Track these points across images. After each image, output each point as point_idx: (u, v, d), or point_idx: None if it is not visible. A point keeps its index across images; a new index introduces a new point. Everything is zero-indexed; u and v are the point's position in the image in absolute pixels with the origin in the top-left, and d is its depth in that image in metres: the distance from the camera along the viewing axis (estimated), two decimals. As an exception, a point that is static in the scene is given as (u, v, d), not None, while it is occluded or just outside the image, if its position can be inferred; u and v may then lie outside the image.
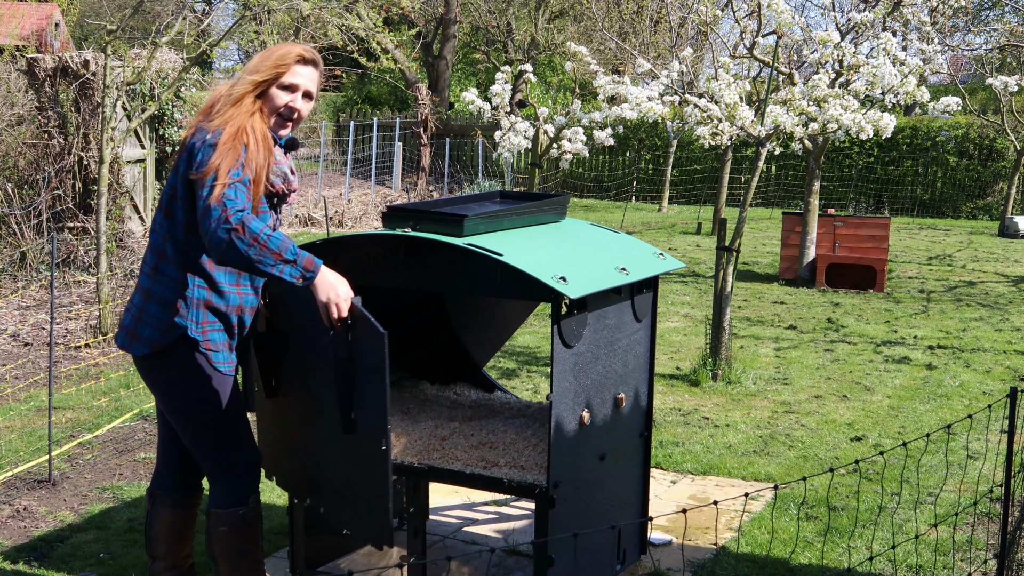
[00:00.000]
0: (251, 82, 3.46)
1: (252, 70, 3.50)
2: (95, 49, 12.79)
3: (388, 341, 3.17)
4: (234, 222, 3.12)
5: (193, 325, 3.45)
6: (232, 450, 3.58)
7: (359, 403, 3.33)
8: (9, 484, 5.35)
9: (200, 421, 3.52)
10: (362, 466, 3.41)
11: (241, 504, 3.59)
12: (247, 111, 3.42)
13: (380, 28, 17.42)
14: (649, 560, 4.47)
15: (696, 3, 10.16)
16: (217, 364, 3.50)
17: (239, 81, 3.50)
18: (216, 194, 3.17)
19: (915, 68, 7.56)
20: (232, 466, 3.58)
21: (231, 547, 3.59)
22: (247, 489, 3.60)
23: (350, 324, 3.22)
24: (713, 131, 7.62)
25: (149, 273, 3.50)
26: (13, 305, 9.95)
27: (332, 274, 3.26)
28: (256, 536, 3.64)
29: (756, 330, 9.59)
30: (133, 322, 3.50)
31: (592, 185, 24.23)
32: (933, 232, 18.14)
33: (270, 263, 3.16)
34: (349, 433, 3.36)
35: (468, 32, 28.98)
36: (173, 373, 3.48)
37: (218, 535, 3.59)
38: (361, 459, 3.39)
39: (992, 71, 17.10)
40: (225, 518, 3.58)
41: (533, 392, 7.23)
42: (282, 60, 3.51)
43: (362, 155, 23.31)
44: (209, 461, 3.59)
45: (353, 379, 3.30)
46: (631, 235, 4.66)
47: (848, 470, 5.68)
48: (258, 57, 3.55)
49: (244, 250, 3.13)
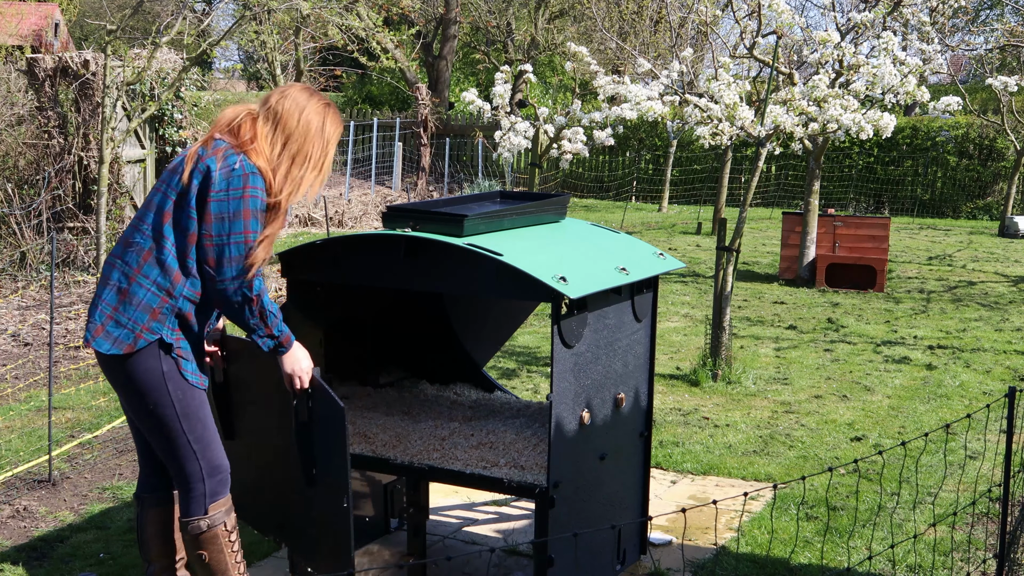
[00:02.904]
0: (291, 154, 3.49)
1: (302, 141, 3.50)
2: (95, 49, 12.79)
3: (346, 415, 3.43)
4: (253, 293, 3.38)
5: (168, 331, 3.42)
6: (195, 459, 3.51)
7: (320, 462, 3.50)
8: (9, 484, 5.35)
9: (164, 426, 3.47)
10: (324, 519, 3.53)
11: (199, 512, 3.54)
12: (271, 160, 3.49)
13: (380, 28, 17.42)
14: (649, 560, 4.47)
15: (696, 3, 10.16)
16: (185, 372, 3.46)
17: (281, 126, 3.49)
18: (243, 256, 3.35)
19: (915, 68, 7.56)
20: (193, 474, 3.52)
21: (197, 554, 3.56)
22: (209, 498, 3.54)
23: (310, 393, 3.48)
24: (713, 131, 7.62)
25: (128, 273, 3.44)
26: (13, 305, 9.96)
27: (299, 348, 3.51)
28: (220, 544, 3.57)
29: (756, 330, 9.60)
30: (103, 319, 3.44)
31: (592, 185, 24.23)
32: (933, 232, 18.14)
33: (260, 333, 3.44)
34: (310, 486, 3.52)
35: (468, 32, 28.97)
36: (140, 376, 3.42)
37: (186, 542, 3.58)
38: (323, 512, 3.53)
39: (992, 71, 17.10)
40: (187, 525, 3.55)
41: (533, 392, 7.23)
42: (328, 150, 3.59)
43: (362, 155, 23.32)
44: (173, 466, 3.55)
45: (313, 440, 3.48)
46: (631, 235, 4.67)
47: (848, 470, 5.69)
48: (315, 127, 3.53)
49: (247, 317, 3.41)
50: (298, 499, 3.61)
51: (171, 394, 3.45)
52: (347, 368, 4.55)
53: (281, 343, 3.46)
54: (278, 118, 3.49)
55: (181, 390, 3.46)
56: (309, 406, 3.47)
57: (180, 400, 3.46)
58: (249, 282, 3.36)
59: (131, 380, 3.46)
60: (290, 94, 3.55)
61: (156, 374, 3.43)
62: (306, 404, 3.48)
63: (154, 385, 3.44)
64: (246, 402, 3.75)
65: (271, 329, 3.43)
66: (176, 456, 3.52)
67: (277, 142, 3.48)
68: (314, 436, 3.49)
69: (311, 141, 3.51)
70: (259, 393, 3.70)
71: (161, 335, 3.41)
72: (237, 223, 3.34)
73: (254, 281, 3.37)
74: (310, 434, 3.49)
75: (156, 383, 3.43)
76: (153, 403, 3.45)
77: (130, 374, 3.45)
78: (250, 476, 3.80)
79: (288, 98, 3.53)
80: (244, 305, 3.37)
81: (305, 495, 3.56)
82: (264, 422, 3.72)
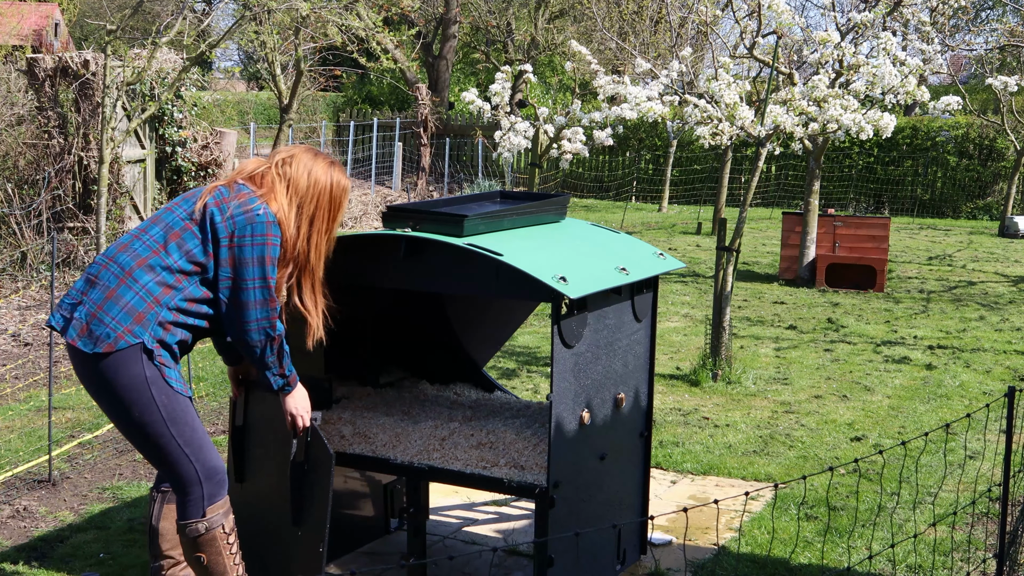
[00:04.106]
0: (307, 216, 3.62)
1: (314, 205, 3.63)
2: (95, 49, 12.78)
3: (334, 463, 3.66)
4: (275, 334, 3.51)
5: (150, 339, 3.42)
6: (189, 463, 3.50)
7: (306, 503, 3.65)
8: (9, 484, 5.35)
9: (153, 433, 3.46)
10: (303, 560, 3.66)
11: (197, 515, 3.54)
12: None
13: (380, 28, 17.40)
14: (649, 560, 4.47)
15: (696, 3, 10.16)
16: (169, 379, 3.46)
17: (293, 188, 3.62)
18: (267, 300, 3.48)
19: (915, 68, 7.56)
20: (189, 478, 3.52)
21: (195, 557, 3.57)
22: (206, 501, 3.54)
23: (308, 440, 3.67)
24: (713, 131, 7.62)
25: (118, 274, 3.45)
26: (13, 305, 9.96)
27: (302, 389, 3.67)
28: (219, 547, 3.57)
29: (756, 330, 9.60)
30: (87, 317, 3.43)
31: (592, 185, 24.23)
32: (933, 232, 18.14)
33: (274, 372, 3.57)
34: (296, 525, 3.67)
35: (468, 32, 28.96)
36: (123, 382, 3.40)
37: (184, 544, 3.59)
38: (304, 553, 3.66)
39: (992, 71, 17.09)
40: (185, 528, 3.55)
41: (533, 392, 7.23)
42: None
43: (362, 155, 23.32)
44: (167, 473, 3.55)
45: (303, 481, 3.66)
46: (631, 235, 4.67)
47: (848, 470, 5.69)
48: (324, 191, 3.65)
49: (265, 356, 3.53)
50: (282, 538, 3.76)
51: (156, 400, 3.43)
52: (347, 368, 4.55)
53: (289, 382, 3.60)
54: (289, 178, 3.63)
55: (166, 395, 3.45)
56: (306, 448, 3.64)
57: (165, 405, 3.45)
58: (273, 323, 3.49)
59: (114, 385, 3.42)
60: (297, 156, 3.69)
61: (140, 380, 3.41)
62: (304, 447, 3.63)
63: (138, 392, 3.41)
64: (256, 442, 3.85)
65: (284, 369, 3.57)
66: (168, 462, 3.51)
67: (292, 203, 3.61)
68: (304, 477, 3.64)
69: (323, 204, 3.65)
70: (266, 433, 3.81)
71: (143, 340, 3.40)
72: (261, 268, 3.47)
73: (276, 322, 3.51)
74: (302, 475, 3.65)
75: (140, 389, 3.41)
76: (139, 411, 3.43)
77: (111, 378, 3.41)
78: (250, 516, 3.87)
79: (296, 161, 3.67)
80: (267, 344, 3.50)
81: (287, 535, 3.73)
82: (267, 463, 3.82)
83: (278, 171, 3.62)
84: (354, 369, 4.62)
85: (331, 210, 3.67)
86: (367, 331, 4.62)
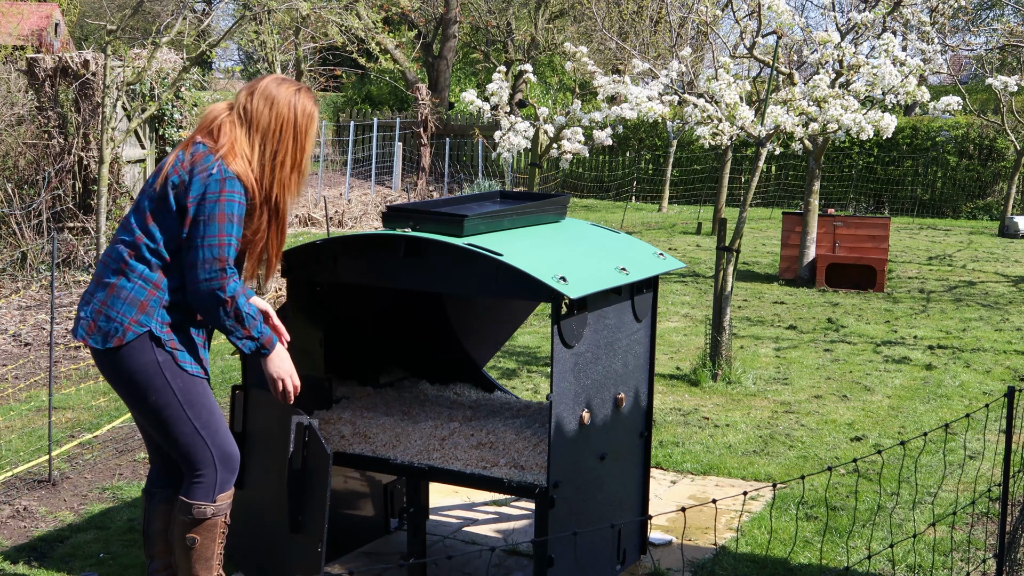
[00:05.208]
0: (270, 153, 3.52)
1: (276, 140, 3.53)
2: (95, 49, 12.79)
3: (332, 463, 3.61)
4: (226, 295, 3.39)
5: (157, 324, 3.45)
6: (205, 446, 3.54)
7: (305, 508, 3.63)
8: (9, 484, 5.35)
9: (170, 417, 3.50)
10: (301, 562, 3.67)
11: (207, 499, 3.57)
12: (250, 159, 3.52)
13: (380, 28, 17.42)
14: (649, 560, 4.47)
15: (696, 3, 10.16)
16: (183, 364, 3.50)
17: (254, 127, 3.52)
18: (215, 259, 3.38)
19: (915, 68, 7.56)
20: (204, 461, 3.55)
21: (187, 537, 3.58)
22: (219, 488, 3.58)
23: (306, 440, 3.61)
24: (713, 131, 7.62)
25: (116, 268, 3.49)
26: (13, 305, 9.96)
27: (282, 351, 3.57)
28: (215, 534, 3.60)
29: (756, 330, 9.60)
30: (93, 314, 3.48)
31: (592, 185, 24.22)
32: (933, 232, 18.14)
33: (239, 335, 3.46)
34: (295, 532, 3.66)
35: (468, 32, 28.97)
36: (137, 369, 3.45)
37: (179, 523, 3.60)
38: (302, 556, 3.67)
39: (992, 71, 17.09)
40: (190, 508, 3.57)
41: (533, 392, 7.23)
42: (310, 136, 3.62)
43: (362, 155, 23.32)
44: (183, 456, 3.57)
45: (302, 487, 3.65)
46: (631, 235, 4.67)
47: (847, 470, 5.69)
48: (287, 123, 3.55)
49: (222, 318, 3.43)
50: (279, 542, 3.77)
51: (171, 384, 3.48)
52: (347, 368, 4.55)
53: (263, 344, 3.50)
54: (250, 118, 3.53)
55: (180, 379, 3.49)
56: (304, 453, 3.61)
57: (181, 388, 3.49)
58: (222, 284, 3.39)
59: (128, 375, 3.48)
60: (259, 90, 3.56)
61: (153, 366, 3.45)
62: (301, 452, 3.61)
63: (152, 377, 3.46)
64: (256, 449, 3.84)
65: (249, 331, 3.46)
66: (185, 444, 3.54)
67: (254, 144, 3.51)
68: (303, 482, 3.63)
69: (286, 139, 3.54)
70: (267, 439, 3.80)
71: (150, 328, 3.44)
72: (212, 226, 3.39)
73: (227, 283, 3.39)
74: (300, 480, 3.62)
75: (154, 375, 3.46)
76: (155, 396, 3.48)
77: (126, 369, 3.47)
78: (249, 523, 3.89)
79: (257, 95, 3.55)
80: (218, 306, 3.41)
81: (285, 536, 3.72)
82: (264, 470, 3.82)
83: (238, 114, 3.53)
84: (354, 369, 4.62)
85: (296, 140, 3.56)
86: (367, 331, 4.62)
